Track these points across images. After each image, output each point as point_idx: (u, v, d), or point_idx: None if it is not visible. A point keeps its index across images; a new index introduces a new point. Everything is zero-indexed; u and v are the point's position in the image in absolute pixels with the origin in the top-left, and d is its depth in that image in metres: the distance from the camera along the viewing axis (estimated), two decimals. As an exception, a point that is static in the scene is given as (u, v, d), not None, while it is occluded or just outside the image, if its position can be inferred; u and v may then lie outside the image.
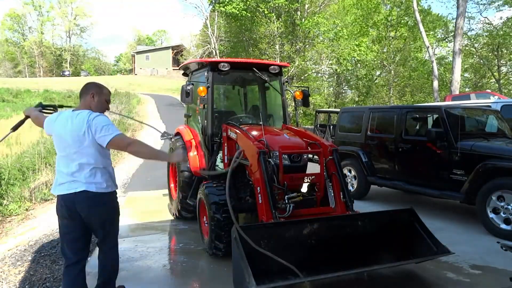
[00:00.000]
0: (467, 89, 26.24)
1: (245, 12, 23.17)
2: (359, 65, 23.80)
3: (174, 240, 5.17)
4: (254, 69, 5.12)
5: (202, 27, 33.59)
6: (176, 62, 54.96)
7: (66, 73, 63.67)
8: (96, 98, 2.94)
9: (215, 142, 4.92)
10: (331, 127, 12.60)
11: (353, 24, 24.92)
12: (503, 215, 4.79)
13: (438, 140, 5.53)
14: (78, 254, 2.89)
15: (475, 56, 26.19)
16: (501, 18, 28.28)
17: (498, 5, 23.35)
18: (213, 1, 25.53)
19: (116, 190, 3.02)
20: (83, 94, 2.96)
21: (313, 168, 4.37)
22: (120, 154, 13.61)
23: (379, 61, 25.22)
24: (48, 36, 72.83)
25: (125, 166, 11.46)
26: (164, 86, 44.21)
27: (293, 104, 5.72)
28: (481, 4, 24.20)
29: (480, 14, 25.98)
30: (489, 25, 25.06)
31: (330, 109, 18.70)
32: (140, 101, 29.75)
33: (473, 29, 26.04)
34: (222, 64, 4.89)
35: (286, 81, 5.69)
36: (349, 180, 7.19)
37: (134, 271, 3.93)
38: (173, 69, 56.54)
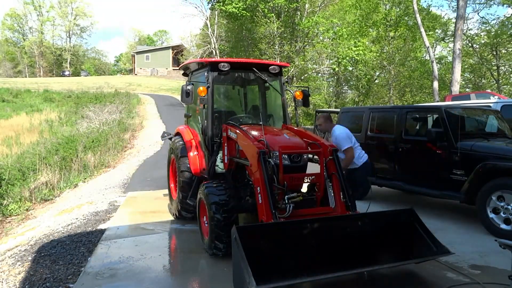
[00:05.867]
0: (467, 90, 26.19)
1: (245, 12, 23.15)
2: (360, 65, 23.72)
3: (174, 240, 5.17)
4: (254, 69, 5.11)
5: (202, 27, 33.57)
6: (176, 62, 54.86)
7: (66, 73, 63.65)
8: None
9: (215, 142, 4.92)
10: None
11: (353, 24, 24.88)
12: (503, 215, 4.79)
13: (438, 140, 5.53)
14: None
15: (474, 57, 26.12)
16: (498, 17, 28.16)
17: (495, 3, 23.35)
18: (212, 0, 25.53)
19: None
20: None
21: (313, 168, 4.37)
22: (120, 154, 13.62)
23: (378, 61, 25.18)
24: (48, 36, 72.91)
25: (125, 166, 11.44)
26: (164, 86, 44.22)
27: (293, 104, 5.72)
28: (478, 3, 24.21)
29: (478, 14, 25.82)
30: (486, 25, 25.03)
31: (330, 109, 18.67)
32: (140, 101, 29.74)
33: (471, 29, 26.00)
34: (222, 64, 4.89)
35: (286, 81, 5.68)
36: (349, 180, 7.17)
37: (134, 271, 3.94)
38: (173, 69, 56.48)
